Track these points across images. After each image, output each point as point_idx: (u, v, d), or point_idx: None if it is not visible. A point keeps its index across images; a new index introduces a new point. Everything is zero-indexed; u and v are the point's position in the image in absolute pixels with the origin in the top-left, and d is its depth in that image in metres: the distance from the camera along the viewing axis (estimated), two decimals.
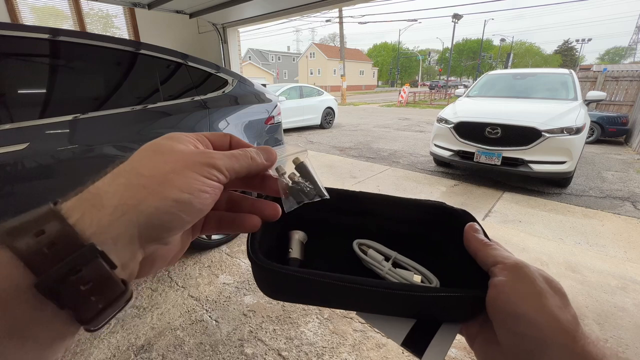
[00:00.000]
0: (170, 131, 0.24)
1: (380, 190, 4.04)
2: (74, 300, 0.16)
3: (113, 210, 0.18)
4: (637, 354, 1.60)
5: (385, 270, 0.32)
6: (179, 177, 0.20)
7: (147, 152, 0.21)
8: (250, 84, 2.67)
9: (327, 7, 3.54)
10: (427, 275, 0.32)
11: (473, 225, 0.31)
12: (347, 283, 0.27)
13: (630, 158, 5.93)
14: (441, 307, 0.28)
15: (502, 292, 0.25)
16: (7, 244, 0.15)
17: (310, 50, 50.49)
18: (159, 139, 0.23)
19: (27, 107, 1.58)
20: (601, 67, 14.45)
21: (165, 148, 0.22)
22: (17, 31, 1.53)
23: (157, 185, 0.19)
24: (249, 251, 0.28)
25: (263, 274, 0.28)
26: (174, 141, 0.22)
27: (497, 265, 0.26)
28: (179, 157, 0.21)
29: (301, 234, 0.34)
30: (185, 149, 0.22)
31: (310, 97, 9.04)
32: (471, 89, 5.48)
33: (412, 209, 0.38)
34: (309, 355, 1.55)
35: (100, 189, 0.19)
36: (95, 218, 0.17)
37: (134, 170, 0.20)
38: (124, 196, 0.18)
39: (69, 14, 4.07)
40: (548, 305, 0.23)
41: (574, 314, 0.24)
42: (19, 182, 1.49)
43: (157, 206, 0.19)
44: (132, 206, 0.18)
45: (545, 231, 2.93)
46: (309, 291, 0.28)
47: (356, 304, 0.29)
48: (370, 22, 36.13)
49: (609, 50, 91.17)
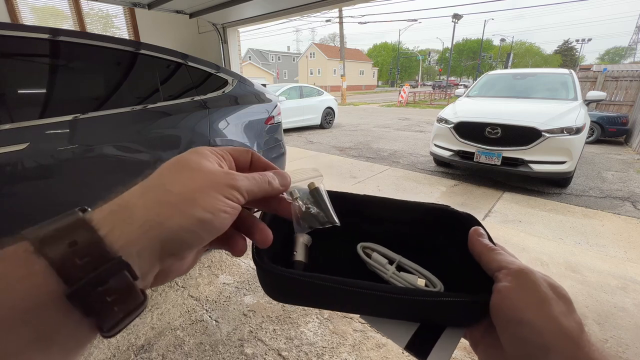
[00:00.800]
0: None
1: (380, 191, 4.04)
2: (100, 310, 0.17)
3: (141, 225, 0.19)
4: (637, 354, 1.60)
5: (389, 274, 0.32)
6: (204, 196, 0.21)
7: (175, 167, 0.22)
8: (250, 84, 2.67)
9: (327, 7, 3.54)
10: (431, 279, 0.32)
11: (478, 229, 0.31)
12: (351, 287, 0.27)
13: (630, 158, 5.94)
14: (445, 312, 0.28)
15: (506, 298, 0.25)
16: (42, 253, 0.16)
17: (310, 50, 50.49)
18: (186, 154, 0.23)
19: (27, 107, 1.58)
20: (601, 67, 14.45)
21: (192, 164, 0.22)
22: (17, 31, 1.53)
23: (183, 204, 0.20)
24: (254, 254, 0.28)
25: (268, 277, 0.28)
26: (200, 157, 0.23)
27: (502, 271, 0.26)
28: (204, 176, 0.22)
29: (306, 237, 0.34)
30: (210, 167, 0.23)
31: (310, 97, 9.04)
32: (471, 89, 5.48)
33: (416, 212, 0.38)
34: (309, 355, 1.55)
35: (129, 202, 0.20)
36: (124, 232, 0.18)
37: (162, 186, 0.21)
38: (152, 212, 0.19)
39: (69, 14, 4.07)
40: (552, 311, 0.23)
41: (579, 320, 0.23)
42: (19, 182, 1.49)
43: (181, 224, 0.20)
44: (159, 223, 0.19)
45: (545, 231, 2.93)
46: (314, 294, 0.28)
47: (360, 307, 0.29)
48: (370, 22, 36.09)
49: (609, 50, 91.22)
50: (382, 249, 0.35)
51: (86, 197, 1.71)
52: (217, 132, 2.27)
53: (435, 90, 27.33)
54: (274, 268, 0.27)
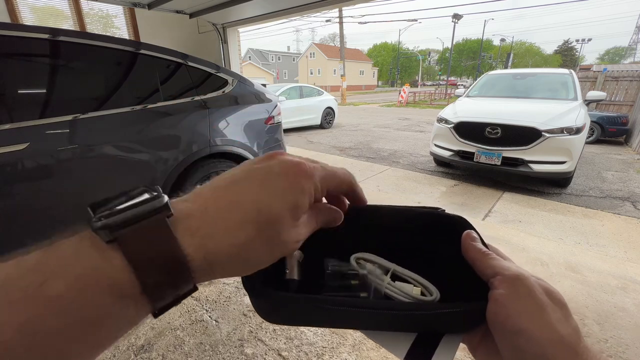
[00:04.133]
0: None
1: (380, 191, 4.04)
2: (160, 300, 0.19)
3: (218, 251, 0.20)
4: (637, 354, 1.60)
5: (384, 285, 0.31)
6: (266, 260, 0.23)
7: (267, 226, 0.22)
8: (250, 84, 2.67)
9: (327, 7, 3.54)
10: (426, 286, 0.31)
11: (470, 233, 0.31)
12: (347, 307, 0.26)
13: (630, 158, 5.94)
14: (443, 321, 0.28)
15: (501, 306, 0.24)
16: (122, 249, 0.18)
17: (310, 50, 50.50)
18: (280, 203, 0.22)
19: (27, 107, 1.58)
20: (601, 67, 14.45)
21: (282, 237, 0.23)
22: (17, 31, 1.53)
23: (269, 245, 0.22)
24: (243, 281, 0.27)
25: (262, 302, 0.28)
26: (291, 218, 0.23)
27: (497, 277, 0.26)
28: (279, 249, 0.23)
29: (296, 253, 0.33)
30: (292, 235, 0.24)
31: (310, 97, 9.04)
32: (471, 89, 5.48)
33: (407, 217, 0.37)
34: (309, 355, 1.55)
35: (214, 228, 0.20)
36: (208, 255, 0.20)
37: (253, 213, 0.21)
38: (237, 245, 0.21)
39: (69, 14, 4.07)
40: (548, 319, 0.23)
41: (576, 326, 0.23)
42: (19, 182, 1.49)
43: (263, 259, 0.22)
44: (242, 259, 0.21)
45: (545, 231, 2.93)
46: (311, 316, 0.28)
47: (358, 323, 0.29)
48: (370, 22, 36.17)
49: (609, 50, 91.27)
50: (375, 259, 0.34)
51: (86, 197, 1.71)
52: (217, 132, 2.27)
53: (436, 89, 27.47)
54: (267, 293, 0.26)
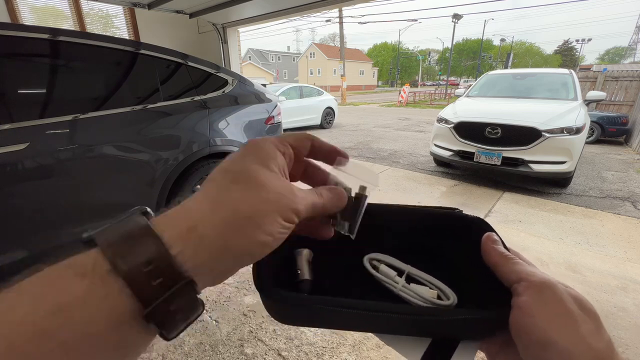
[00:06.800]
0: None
1: (380, 190, 4.04)
2: (168, 323, 0.19)
3: (210, 249, 0.19)
4: (637, 354, 1.60)
5: (398, 287, 0.30)
6: (269, 220, 0.21)
7: (240, 177, 0.22)
8: (250, 84, 2.67)
9: (327, 7, 3.54)
10: (443, 289, 0.30)
11: (491, 235, 0.29)
12: (361, 310, 0.26)
13: (630, 158, 5.94)
14: (460, 328, 0.26)
15: (527, 315, 0.22)
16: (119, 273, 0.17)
17: (310, 50, 50.49)
18: (249, 159, 0.22)
19: (27, 107, 1.58)
20: (601, 67, 14.46)
21: (259, 177, 0.22)
22: (17, 31, 1.53)
23: (250, 228, 0.20)
24: (255, 280, 0.27)
25: (275, 304, 0.27)
26: (264, 166, 0.22)
27: (521, 283, 0.24)
28: (270, 196, 0.21)
29: (306, 252, 0.33)
30: (275, 182, 0.22)
31: (310, 97, 9.03)
32: (471, 89, 5.48)
33: (423, 217, 0.36)
34: (309, 355, 1.55)
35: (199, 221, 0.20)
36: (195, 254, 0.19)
37: (230, 205, 0.20)
38: (220, 235, 0.20)
39: (69, 14, 4.07)
40: (580, 331, 0.21)
41: (608, 338, 0.22)
42: (19, 182, 1.49)
43: (245, 248, 0.21)
44: (226, 247, 0.20)
45: (545, 231, 2.93)
46: (324, 318, 0.27)
47: (372, 327, 0.28)
48: (370, 22, 36.14)
49: (609, 50, 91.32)
50: (389, 260, 0.33)
51: (86, 197, 1.71)
52: (217, 132, 2.27)
53: (436, 88, 27.64)
54: (280, 295, 0.26)
